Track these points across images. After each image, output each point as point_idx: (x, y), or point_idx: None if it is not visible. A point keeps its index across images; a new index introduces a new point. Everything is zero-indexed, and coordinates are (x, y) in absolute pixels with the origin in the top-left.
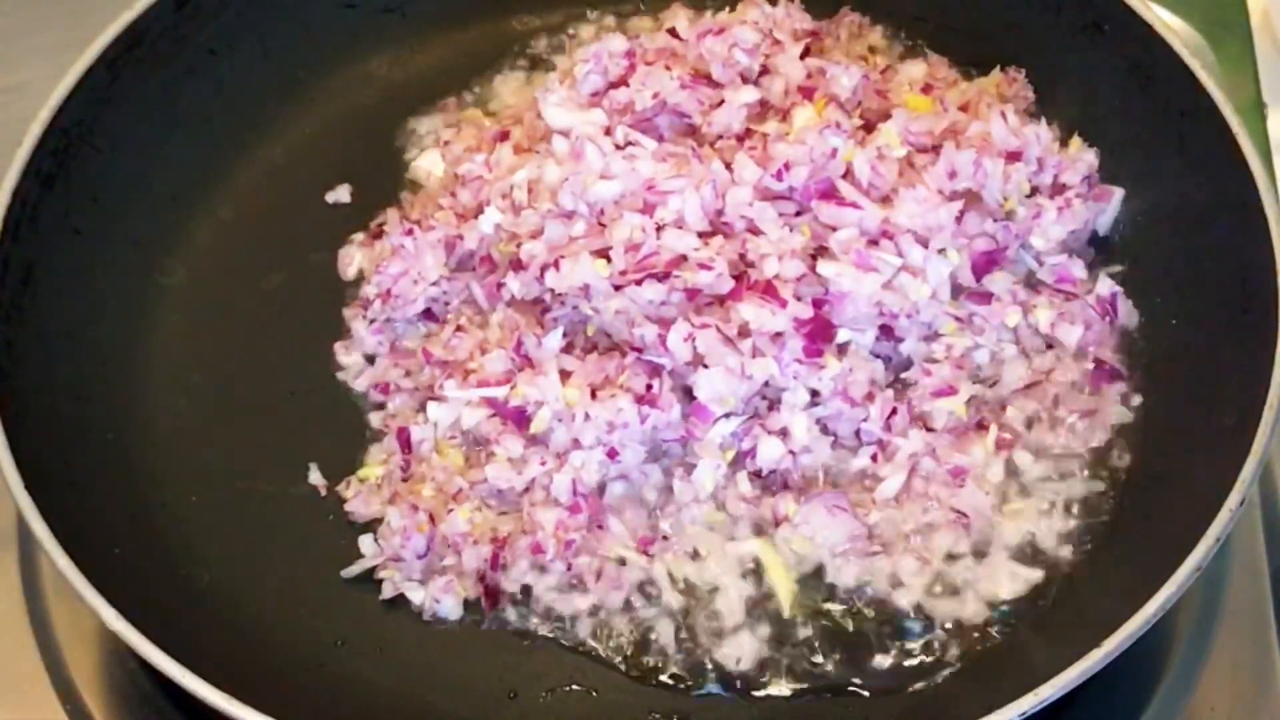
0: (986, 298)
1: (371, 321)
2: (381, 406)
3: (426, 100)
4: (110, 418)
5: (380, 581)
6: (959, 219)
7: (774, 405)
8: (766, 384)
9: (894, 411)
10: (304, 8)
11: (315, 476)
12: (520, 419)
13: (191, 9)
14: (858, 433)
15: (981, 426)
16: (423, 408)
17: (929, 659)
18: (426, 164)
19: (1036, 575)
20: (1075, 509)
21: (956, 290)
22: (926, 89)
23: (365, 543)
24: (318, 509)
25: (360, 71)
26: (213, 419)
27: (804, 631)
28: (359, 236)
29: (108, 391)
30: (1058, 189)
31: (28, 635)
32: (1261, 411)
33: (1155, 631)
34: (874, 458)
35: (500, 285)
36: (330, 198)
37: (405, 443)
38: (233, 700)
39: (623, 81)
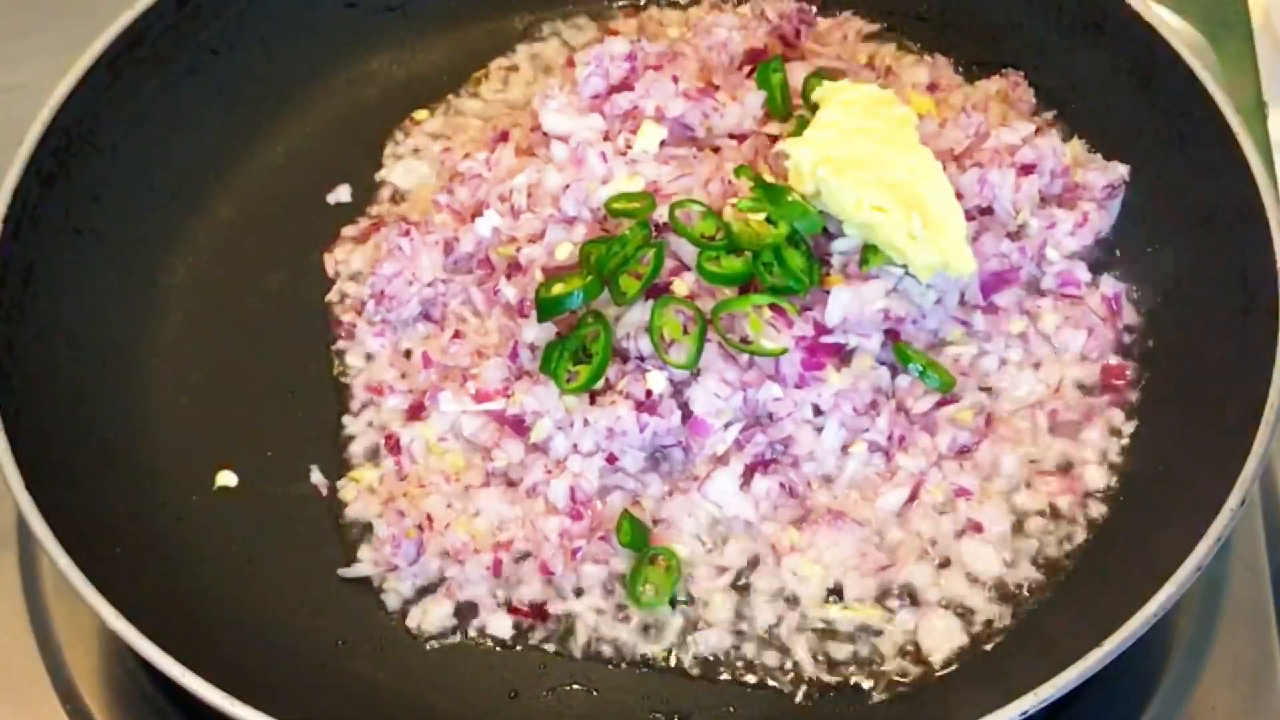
0: (993, 307)
1: (371, 323)
2: (376, 407)
3: (427, 99)
4: (110, 418)
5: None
6: (974, 240)
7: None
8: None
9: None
10: (305, 7)
11: (316, 476)
12: (519, 426)
13: (193, 9)
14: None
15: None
16: (415, 412)
17: (930, 658)
18: (395, 177)
19: (1036, 575)
20: (1075, 508)
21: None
22: (931, 89)
23: (364, 552)
24: (318, 509)
25: (361, 71)
26: (213, 419)
27: (806, 631)
28: (336, 252)
29: (108, 391)
30: (1070, 199)
31: (28, 635)
32: (1262, 411)
33: (1155, 631)
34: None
35: (497, 290)
36: (330, 198)
37: (394, 447)
38: (233, 700)
39: (624, 85)
